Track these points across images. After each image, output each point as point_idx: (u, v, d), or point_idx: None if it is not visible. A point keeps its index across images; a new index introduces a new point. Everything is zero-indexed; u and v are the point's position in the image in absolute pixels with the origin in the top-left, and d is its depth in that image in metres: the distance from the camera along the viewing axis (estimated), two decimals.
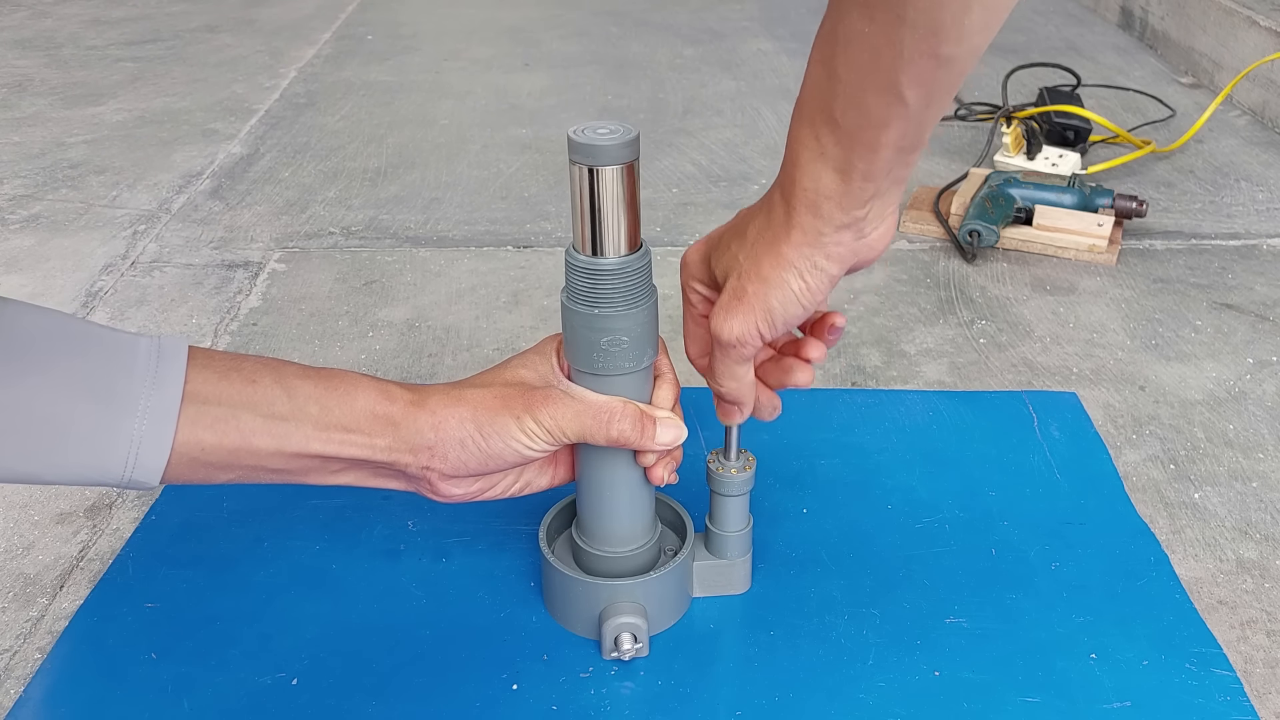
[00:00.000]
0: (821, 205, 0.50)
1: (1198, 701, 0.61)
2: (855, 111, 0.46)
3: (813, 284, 0.53)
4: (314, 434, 0.59)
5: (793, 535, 0.74)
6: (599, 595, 0.65)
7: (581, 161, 0.54)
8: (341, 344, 1.00)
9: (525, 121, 1.58)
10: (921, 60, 0.43)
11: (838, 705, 0.62)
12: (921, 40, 0.42)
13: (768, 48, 1.92)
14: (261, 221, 1.25)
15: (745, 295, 0.54)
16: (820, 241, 0.51)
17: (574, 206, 0.56)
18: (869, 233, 0.52)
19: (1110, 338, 1.01)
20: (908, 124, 0.46)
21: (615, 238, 0.56)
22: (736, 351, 0.56)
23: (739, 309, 0.54)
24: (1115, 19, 2.04)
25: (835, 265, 0.53)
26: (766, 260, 0.53)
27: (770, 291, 0.53)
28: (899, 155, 0.48)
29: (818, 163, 0.49)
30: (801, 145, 0.50)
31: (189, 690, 0.63)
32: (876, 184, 0.49)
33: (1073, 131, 1.36)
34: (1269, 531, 0.76)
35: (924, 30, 0.41)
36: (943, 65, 0.43)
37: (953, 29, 0.41)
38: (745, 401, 0.61)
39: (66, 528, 0.77)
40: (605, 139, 0.54)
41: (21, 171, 1.40)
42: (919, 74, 0.43)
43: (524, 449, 0.60)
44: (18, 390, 0.53)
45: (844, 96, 0.46)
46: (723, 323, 0.55)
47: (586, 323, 0.58)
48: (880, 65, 0.44)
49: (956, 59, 0.43)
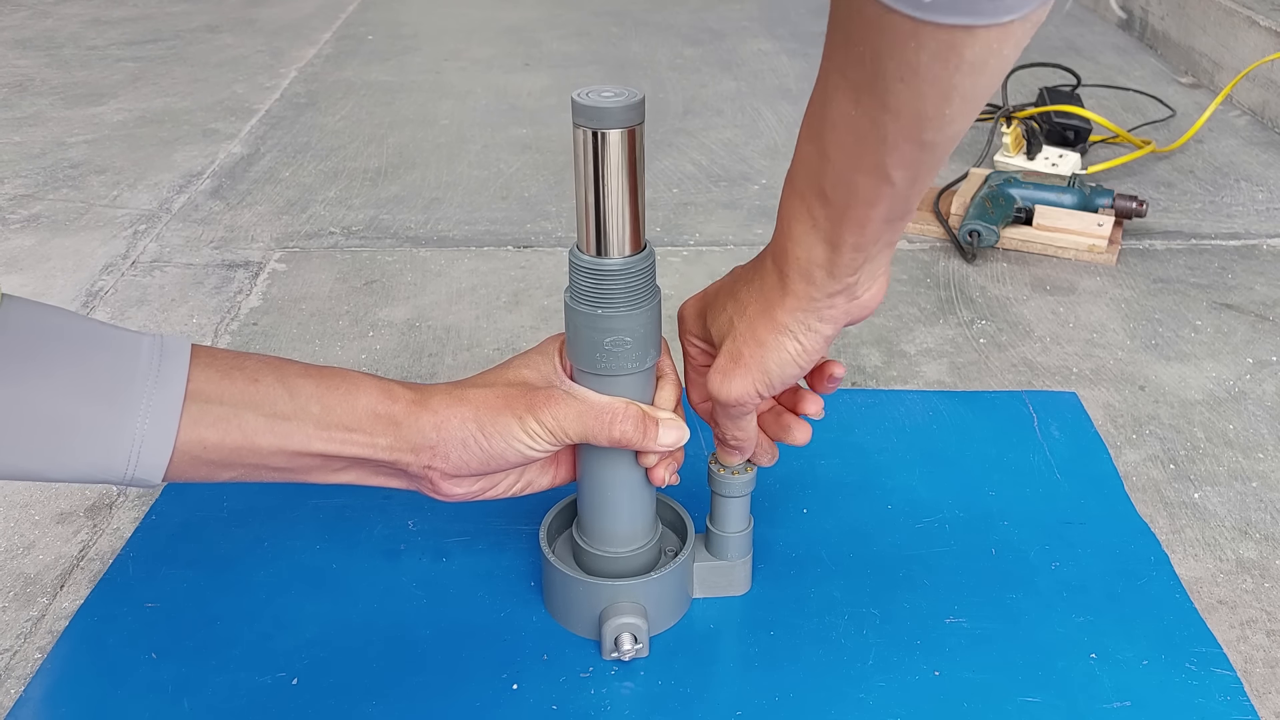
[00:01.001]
0: (814, 273, 0.52)
1: (1198, 701, 0.61)
2: (844, 189, 0.48)
3: (808, 345, 0.55)
4: (316, 433, 0.59)
5: (793, 535, 0.74)
6: (599, 595, 0.65)
7: (586, 124, 0.53)
8: (342, 344, 1.00)
9: (525, 121, 1.58)
10: (906, 145, 0.44)
11: (838, 705, 0.62)
12: (905, 127, 0.43)
13: (768, 48, 1.92)
14: (262, 221, 1.25)
15: (742, 359, 0.56)
16: (814, 306, 0.53)
17: (577, 175, 0.55)
18: (861, 294, 0.53)
19: (1110, 338, 1.01)
20: (895, 201, 0.48)
21: (619, 210, 0.55)
22: (737, 409, 0.58)
23: (736, 372, 0.56)
24: (1115, 19, 2.04)
25: (829, 326, 0.54)
26: (761, 324, 0.55)
27: (767, 355, 0.55)
28: (887, 225, 0.50)
29: (810, 234, 0.51)
30: (794, 217, 0.51)
31: (189, 690, 0.63)
32: (866, 253, 0.51)
33: (1073, 131, 1.36)
34: (1269, 531, 0.76)
35: (907, 118, 0.43)
36: (926, 150, 0.45)
37: (934, 118, 0.43)
38: (748, 449, 0.63)
39: (67, 527, 0.77)
40: (610, 101, 0.53)
41: (22, 171, 1.40)
42: (904, 157, 0.45)
43: (526, 449, 0.60)
44: (20, 387, 0.53)
45: (833, 175, 0.48)
46: (720, 385, 0.57)
47: (590, 323, 0.58)
48: (867, 148, 0.45)
49: (939, 144, 0.45)
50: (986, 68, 0.41)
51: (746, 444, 0.63)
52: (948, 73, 0.40)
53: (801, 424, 0.64)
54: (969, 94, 0.42)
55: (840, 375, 0.62)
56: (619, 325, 0.58)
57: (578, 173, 0.55)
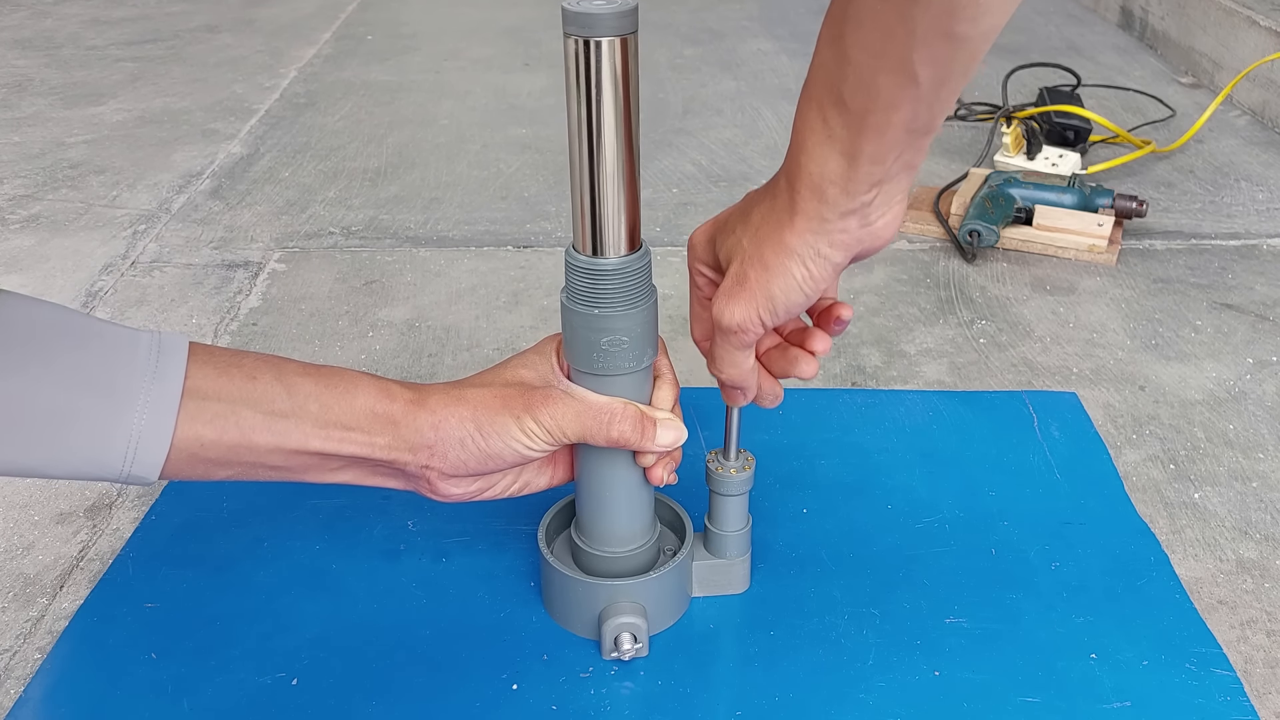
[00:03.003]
0: (827, 190, 0.49)
1: (1198, 701, 0.61)
2: (865, 93, 0.45)
3: (816, 272, 0.52)
4: (313, 431, 0.59)
5: (792, 535, 0.74)
6: (598, 595, 0.65)
7: (576, 33, 0.51)
8: (341, 344, 1.00)
9: (525, 121, 1.57)
10: (935, 39, 0.42)
11: (837, 705, 0.62)
12: (936, 18, 0.41)
13: (768, 47, 1.92)
14: (261, 221, 1.25)
15: (747, 282, 0.53)
16: (824, 228, 0.50)
17: (568, 91, 0.53)
18: (874, 220, 0.51)
19: (1110, 338, 1.01)
20: (919, 105, 0.45)
21: (613, 127, 0.53)
22: (737, 338, 0.55)
23: (741, 295, 0.54)
24: (1115, 19, 2.04)
25: (839, 253, 0.51)
26: (769, 246, 0.52)
27: (772, 279, 0.52)
28: (909, 138, 0.47)
29: (824, 146, 0.48)
30: (808, 129, 0.49)
31: (189, 690, 0.63)
32: (884, 167, 0.48)
33: (1073, 131, 1.36)
34: (1269, 531, 0.76)
35: (938, 7, 0.41)
36: (957, 44, 0.42)
37: (968, 6, 0.41)
38: (747, 386, 0.60)
39: (66, 528, 0.77)
40: (602, 8, 0.51)
41: (21, 171, 1.40)
42: (932, 53, 0.43)
43: (524, 449, 0.60)
44: (18, 383, 0.53)
45: (854, 77, 0.45)
46: (724, 308, 0.54)
47: (586, 323, 0.58)
48: (893, 44, 0.43)
49: (971, 38, 0.42)
50: None
51: (743, 382, 0.59)
52: None
53: (809, 356, 0.60)
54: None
55: (848, 318, 0.59)
56: (616, 325, 0.58)
57: (568, 89, 0.53)
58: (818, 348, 0.60)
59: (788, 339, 0.62)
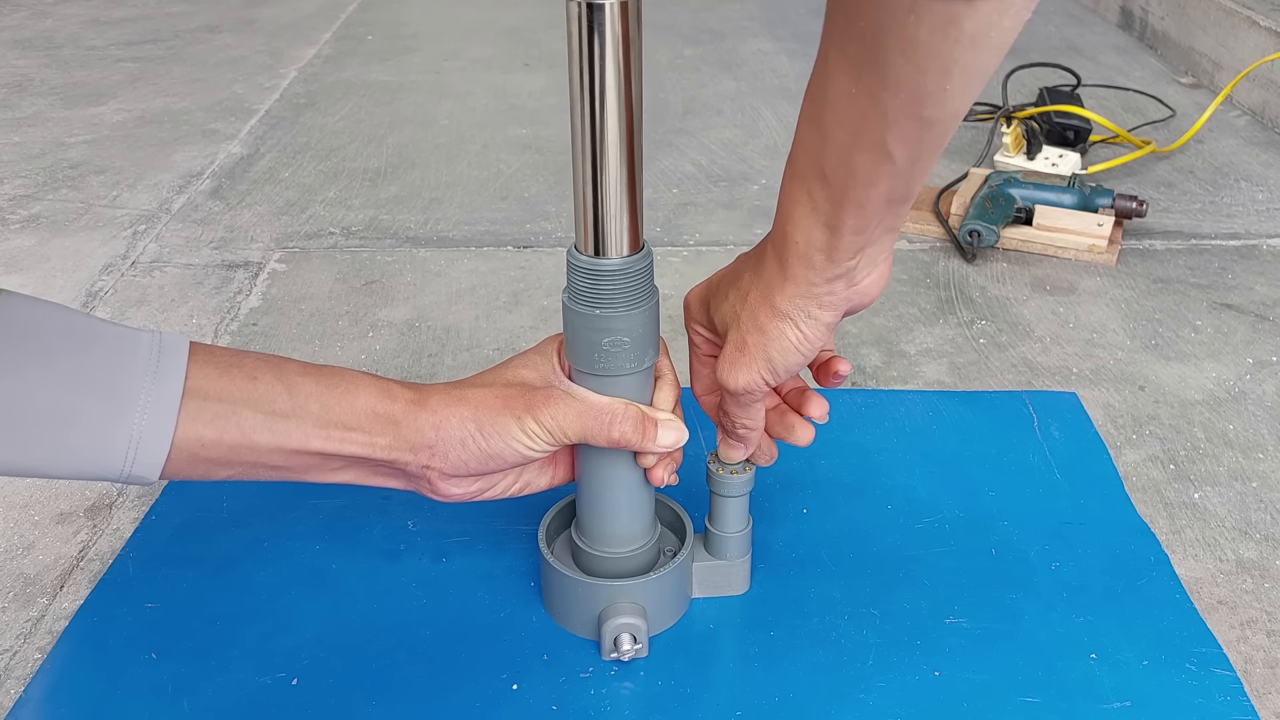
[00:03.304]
0: (813, 258, 0.52)
1: (1198, 701, 0.61)
2: (844, 169, 0.47)
3: (809, 333, 0.55)
4: (314, 431, 0.59)
5: (792, 536, 0.74)
6: (599, 596, 0.65)
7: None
8: (341, 344, 1.00)
9: (525, 121, 1.58)
10: (907, 122, 0.44)
11: (838, 705, 0.62)
12: (906, 103, 0.43)
13: (768, 48, 1.92)
14: (261, 221, 1.25)
15: (746, 348, 0.56)
16: (813, 292, 0.53)
17: (570, 60, 0.53)
18: (860, 280, 0.53)
19: (1110, 338, 1.01)
20: (896, 180, 0.47)
21: (616, 96, 0.53)
22: (746, 398, 0.59)
23: (742, 361, 0.57)
24: (1115, 19, 2.04)
25: (829, 313, 0.54)
26: (763, 312, 0.55)
27: (769, 343, 0.55)
28: (889, 207, 0.49)
29: (810, 218, 0.51)
30: (794, 201, 0.51)
31: (189, 690, 0.63)
32: (866, 235, 0.51)
33: (1073, 131, 1.36)
34: (1269, 531, 0.76)
35: (907, 94, 0.43)
36: (927, 127, 0.45)
37: (935, 93, 0.43)
38: (756, 438, 0.63)
39: (66, 528, 0.77)
40: None
41: (21, 171, 1.40)
42: (905, 134, 0.45)
43: (525, 449, 0.60)
44: (18, 383, 0.53)
45: (834, 154, 0.47)
46: (728, 375, 0.57)
47: (588, 323, 0.58)
48: (868, 126, 0.45)
49: (939, 121, 0.45)
50: (987, 41, 0.41)
51: (756, 432, 0.63)
52: (948, 46, 0.40)
53: (805, 424, 0.64)
54: (970, 68, 0.42)
55: (845, 372, 0.62)
56: (617, 325, 0.58)
57: (570, 56, 0.52)
58: (815, 413, 0.64)
59: (786, 399, 0.65)
